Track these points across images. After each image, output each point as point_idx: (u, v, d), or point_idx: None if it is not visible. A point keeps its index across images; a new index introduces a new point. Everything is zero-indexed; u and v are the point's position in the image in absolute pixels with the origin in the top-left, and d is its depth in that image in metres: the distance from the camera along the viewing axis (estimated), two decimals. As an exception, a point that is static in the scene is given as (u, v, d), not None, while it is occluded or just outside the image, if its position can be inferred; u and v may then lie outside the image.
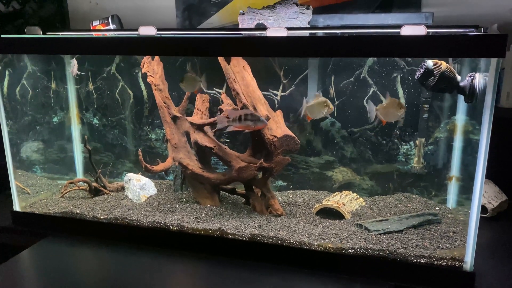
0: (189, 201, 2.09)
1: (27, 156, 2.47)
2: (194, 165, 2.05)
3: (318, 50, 1.52)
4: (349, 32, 1.83)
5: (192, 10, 2.55)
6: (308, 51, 1.55)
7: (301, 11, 2.10)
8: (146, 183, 2.16)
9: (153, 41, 1.68)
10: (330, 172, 2.23)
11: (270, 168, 1.89)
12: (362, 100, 2.09)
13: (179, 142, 2.08)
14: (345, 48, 1.47)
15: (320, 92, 2.03)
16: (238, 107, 1.90)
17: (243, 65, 1.96)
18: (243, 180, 1.96)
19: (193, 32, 2.20)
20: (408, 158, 2.09)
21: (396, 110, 1.78)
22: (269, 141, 1.87)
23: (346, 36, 1.48)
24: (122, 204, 2.07)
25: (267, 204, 1.94)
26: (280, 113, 1.97)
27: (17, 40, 1.89)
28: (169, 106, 2.09)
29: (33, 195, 2.25)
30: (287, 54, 1.65)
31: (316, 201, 2.08)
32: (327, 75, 2.12)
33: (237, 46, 1.62)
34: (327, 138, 2.18)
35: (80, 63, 2.31)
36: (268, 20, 2.13)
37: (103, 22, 2.31)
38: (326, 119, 2.15)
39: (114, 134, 2.46)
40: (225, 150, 1.96)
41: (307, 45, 1.53)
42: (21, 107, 2.43)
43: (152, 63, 2.09)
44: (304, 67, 2.13)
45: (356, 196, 2.06)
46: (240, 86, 1.92)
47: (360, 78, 2.09)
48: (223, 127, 1.83)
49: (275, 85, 2.20)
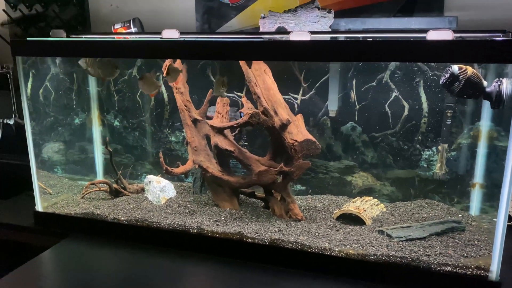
0: (208, 204, 2.10)
1: (49, 157, 2.51)
2: (214, 168, 2.05)
3: (343, 54, 1.51)
4: (372, 36, 1.81)
5: (212, 13, 2.56)
6: (332, 56, 1.54)
7: (323, 15, 2.09)
8: (166, 185, 2.17)
9: (176, 44, 1.69)
10: (350, 177, 2.21)
11: (290, 172, 1.88)
12: (384, 105, 2.07)
13: (199, 145, 2.09)
14: (370, 53, 1.45)
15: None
16: (259, 110, 1.90)
17: (264, 68, 1.95)
18: (263, 184, 1.96)
19: (215, 36, 2.21)
20: (430, 164, 2.06)
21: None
22: (290, 145, 1.86)
23: (371, 40, 1.46)
24: (142, 206, 2.08)
25: (287, 208, 1.93)
26: (301, 117, 1.96)
27: (42, 43, 1.92)
28: (190, 109, 2.10)
29: (54, 196, 2.28)
30: (311, 58, 1.65)
31: (336, 206, 2.07)
32: (349, 79, 2.11)
33: (261, 50, 1.62)
34: (347, 143, 2.17)
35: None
36: (289, 24, 2.13)
37: (125, 25, 2.33)
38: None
39: (134, 136, 2.49)
40: (245, 154, 1.96)
41: (331, 50, 1.52)
42: (44, 109, 2.47)
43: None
44: (325, 70, 2.11)
45: (377, 202, 2.04)
46: (261, 89, 1.92)
47: (382, 82, 2.07)
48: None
49: (295, 89, 2.19)
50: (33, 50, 1.95)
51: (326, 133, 2.18)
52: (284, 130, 1.87)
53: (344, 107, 2.13)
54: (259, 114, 1.87)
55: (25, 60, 2.26)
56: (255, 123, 1.88)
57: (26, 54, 1.99)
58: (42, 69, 2.32)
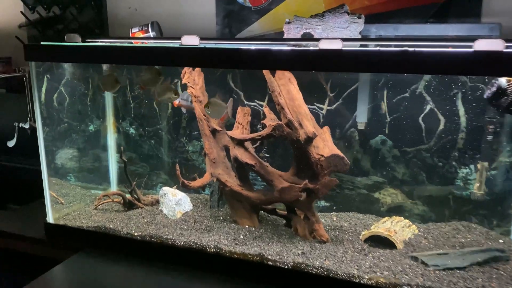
0: (226, 220, 1.98)
1: (62, 164, 2.43)
2: (233, 182, 1.93)
3: (380, 65, 1.37)
4: (408, 44, 1.67)
5: (233, 17, 2.45)
6: (368, 67, 1.40)
7: (352, 20, 1.96)
8: (182, 198, 2.06)
9: (197, 52, 1.57)
10: (378, 194, 2.06)
11: (315, 190, 1.74)
12: (418, 118, 1.92)
13: (218, 157, 1.97)
14: (412, 64, 1.31)
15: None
16: (283, 122, 1.77)
17: (289, 77, 1.82)
18: (286, 202, 1.82)
19: (237, 42, 2.10)
20: (467, 183, 1.90)
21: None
22: (315, 161, 1.73)
23: (413, 51, 1.32)
24: (156, 220, 1.97)
25: (311, 228, 1.79)
26: (328, 130, 1.82)
27: (57, 48, 1.83)
28: (209, 118, 1.99)
29: (66, 206, 2.19)
30: (344, 69, 1.51)
31: (364, 226, 1.92)
32: (379, 89, 1.96)
33: (289, 59, 1.49)
34: (376, 157, 2.02)
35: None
36: (316, 30, 2.00)
37: (143, 29, 2.25)
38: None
39: (150, 144, 2.38)
40: (267, 168, 1.83)
41: (367, 60, 1.39)
42: (58, 114, 2.39)
43: (192, 74, 1.99)
44: (354, 79, 1.97)
45: (408, 223, 1.88)
46: (285, 99, 1.79)
47: (416, 93, 1.91)
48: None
49: (321, 98, 2.05)
50: (47, 55, 1.87)
51: (353, 147, 2.04)
52: (309, 144, 1.74)
53: (373, 119, 1.98)
54: (282, 126, 1.74)
55: (40, 64, 2.18)
56: (278, 135, 1.75)
57: (39, 59, 1.91)
58: (57, 74, 2.23)
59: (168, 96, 1.88)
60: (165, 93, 1.87)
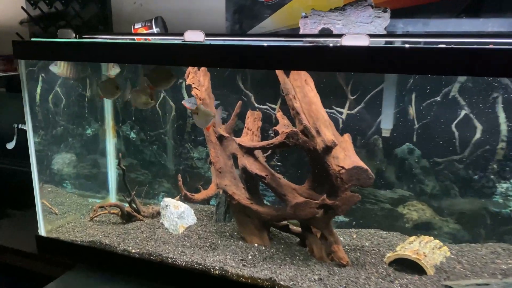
0: (233, 236, 1.78)
1: (58, 170, 2.26)
2: (241, 194, 1.73)
3: (416, 65, 1.15)
4: (444, 41, 1.46)
5: (244, 13, 2.26)
6: (401, 67, 1.19)
7: (377, 15, 1.75)
8: (184, 211, 1.87)
9: (200, 49, 1.38)
10: (403, 208, 1.84)
11: (334, 207, 1.53)
12: (451, 125, 1.70)
13: (225, 166, 1.77)
14: (455, 64, 1.10)
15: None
16: (298, 129, 1.56)
17: (305, 78, 1.62)
18: (300, 219, 1.62)
19: (246, 39, 1.90)
20: (508, 199, 1.67)
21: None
22: (335, 173, 1.52)
23: (457, 48, 1.11)
24: (156, 236, 1.79)
25: (329, 249, 1.58)
26: (349, 138, 1.61)
27: (47, 44, 1.65)
28: (215, 123, 1.79)
29: (60, 216, 2.02)
30: (371, 69, 1.29)
31: (388, 246, 1.71)
32: (407, 92, 1.74)
33: (306, 58, 1.28)
34: (402, 168, 1.80)
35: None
36: (335, 25, 1.80)
37: (146, 24, 2.10)
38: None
39: (152, 150, 2.20)
40: (279, 181, 1.63)
41: (401, 59, 1.17)
42: (53, 116, 2.22)
43: (198, 74, 1.80)
44: (378, 80, 1.76)
45: (438, 244, 1.66)
46: (301, 103, 1.59)
47: (449, 97, 1.69)
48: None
49: (340, 101, 1.84)
50: (37, 53, 1.69)
51: (377, 156, 1.82)
52: (328, 154, 1.53)
53: (400, 126, 1.77)
54: (297, 133, 1.54)
55: (34, 62, 2.02)
56: (293, 144, 1.55)
57: (29, 57, 1.73)
58: (52, 73, 2.06)
59: (144, 101, 1.69)
60: (140, 97, 1.69)
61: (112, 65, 2.01)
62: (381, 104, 1.76)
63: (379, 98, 1.77)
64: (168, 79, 1.67)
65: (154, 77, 1.66)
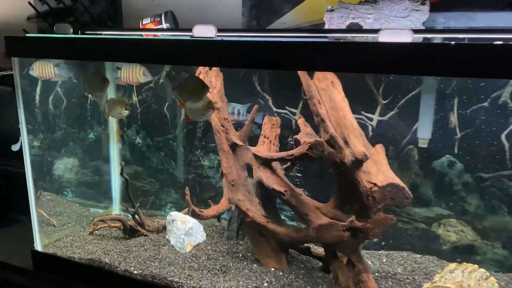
0: (247, 258, 1.58)
1: (58, 177, 2.10)
2: (256, 211, 1.53)
3: (478, 67, 0.93)
4: (497, 38, 1.23)
5: (261, 8, 2.07)
6: (456, 68, 0.96)
7: (414, 8, 1.54)
8: (193, 226, 1.68)
9: (211, 46, 1.18)
10: (440, 229, 1.61)
11: (364, 230, 1.32)
12: (499, 135, 1.46)
13: (238, 179, 1.57)
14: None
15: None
16: (323, 138, 1.35)
17: (332, 80, 1.41)
18: (324, 242, 1.41)
19: (263, 34, 1.70)
20: None
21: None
22: (366, 191, 1.30)
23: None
24: (161, 254, 1.60)
25: (357, 279, 1.37)
26: (382, 149, 1.40)
27: (42, 41, 1.48)
28: (228, 130, 1.59)
29: (59, 229, 1.85)
30: (416, 71, 1.07)
31: (424, 274, 1.48)
32: (448, 96, 1.52)
33: (333, 56, 1.07)
34: (441, 184, 1.58)
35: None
36: (366, 20, 1.59)
37: (155, 20, 1.94)
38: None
39: (159, 157, 2.01)
40: (300, 198, 1.42)
41: (457, 59, 0.95)
42: (54, 119, 2.05)
43: (209, 74, 1.60)
44: (415, 83, 1.54)
45: (485, 274, 1.42)
46: (327, 109, 1.38)
47: (499, 102, 1.46)
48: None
49: (370, 106, 1.63)
50: (32, 50, 1.52)
51: (411, 169, 1.60)
52: (358, 169, 1.32)
53: (439, 135, 1.54)
54: (322, 144, 1.32)
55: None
56: (317, 156, 1.34)
57: (23, 55, 1.56)
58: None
59: (119, 111, 1.54)
60: (115, 108, 1.55)
61: (141, 70, 1.73)
62: (418, 110, 1.54)
63: (415, 102, 1.54)
64: (199, 92, 1.33)
65: (183, 91, 1.35)
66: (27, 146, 1.68)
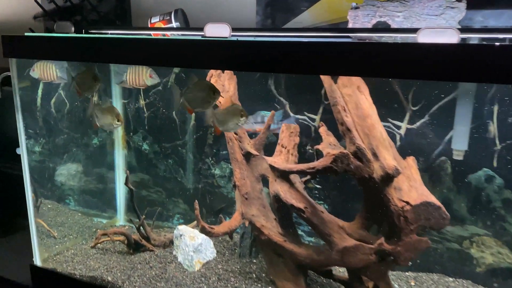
0: (261, 279, 1.44)
1: (60, 184, 1.98)
2: (272, 228, 1.39)
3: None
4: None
5: (277, 6, 1.95)
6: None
7: (450, 5, 1.39)
8: (202, 243, 1.55)
9: (224, 47, 1.04)
10: (476, 250, 1.46)
11: (395, 254, 1.17)
12: (546, 147, 1.31)
13: (252, 191, 1.44)
14: None
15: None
16: (349, 150, 1.21)
17: (358, 84, 1.27)
18: (349, 267, 1.27)
19: (280, 34, 1.57)
20: None
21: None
22: (397, 210, 1.16)
23: None
24: (168, 273, 1.48)
25: (385, 307, 1.22)
26: (414, 163, 1.26)
27: (41, 40, 1.37)
28: (242, 138, 1.46)
29: (59, 241, 1.74)
30: (464, 77, 0.92)
31: (460, 302, 1.34)
32: (486, 103, 1.36)
33: (368, 59, 0.93)
34: (478, 200, 1.42)
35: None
36: (394, 18, 1.46)
37: (165, 18, 1.85)
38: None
39: (167, 164, 1.89)
40: (322, 215, 1.28)
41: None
42: (56, 123, 1.94)
43: (221, 77, 1.47)
44: (450, 87, 1.39)
45: (529, 303, 1.28)
46: (353, 117, 1.23)
47: (546, 111, 1.31)
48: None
49: (397, 113, 1.48)
50: (30, 50, 1.40)
51: (444, 184, 1.45)
52: (388, 185, 1.18)
53: (475, 146, 1.39)
54: (348, 156, 1.18)
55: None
56: (342, 170, 1.20)
57: (22, 55, 1.44)
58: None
59: (110, 122, 1.40)
60: (106, 117, 1.40)
61: (148, 72, 1.62)
62: (452, 119, 1.39)
63: (449, 110, 1.39)
64: (209, 99, 1.21)
65: (191, 98, 1.22)
66: (25, 150, 1.57)
